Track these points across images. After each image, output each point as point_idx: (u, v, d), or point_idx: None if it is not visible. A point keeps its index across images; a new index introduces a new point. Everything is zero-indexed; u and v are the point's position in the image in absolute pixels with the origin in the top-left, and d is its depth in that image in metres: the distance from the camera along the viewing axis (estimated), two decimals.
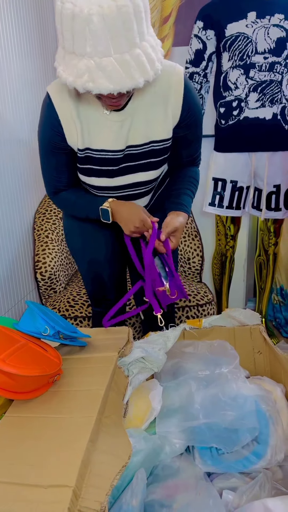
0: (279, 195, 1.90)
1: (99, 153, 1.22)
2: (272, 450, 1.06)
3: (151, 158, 1.24)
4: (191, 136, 1.29)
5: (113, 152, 1.22)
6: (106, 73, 0.94)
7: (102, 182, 1.28)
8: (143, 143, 1.22)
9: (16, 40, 1.84)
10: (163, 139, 1.23)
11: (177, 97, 1.18)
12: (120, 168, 1.25)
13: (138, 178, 1.28)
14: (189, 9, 2.07)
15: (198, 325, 1.35)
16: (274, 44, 1.69)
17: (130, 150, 1.22)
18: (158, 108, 1.19)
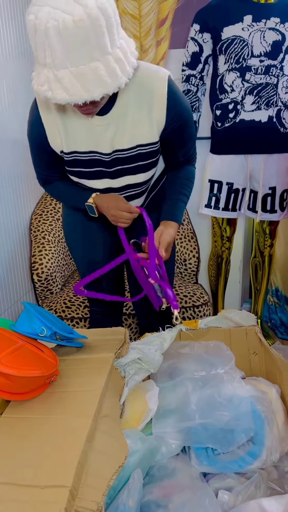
0: (274, 197, 1.92)
1: (87, 155, 1.23)
2: (268, 451, 1.07)
3: (139, 162, 1.25)
4: (183, 138, 1.29)
5: (99, 154, 1.23)
6: (63, 85, 0.97)
7: (91, 184, 1.29)
8: (129, 147, 1.22)
9: (12, 40, 1.84)
10: (149, 142, 1.23)
11: (160, 103, 1.17)
12: (108, 171, 1.26)
13: (127, 181, 1.28)
14: (186, 12, 2.08)
15: (194, 326, 1.36)
16: (270, 48, 1.71)
17: (118, 154, 1.23)
18: (142, 113, 1.18)
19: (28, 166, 1.99)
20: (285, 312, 2.35)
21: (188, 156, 1.36)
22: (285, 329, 2.35)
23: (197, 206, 2.06)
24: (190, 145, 1.33)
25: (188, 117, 1.27)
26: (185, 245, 2.17)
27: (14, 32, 1.84)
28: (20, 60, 1.89)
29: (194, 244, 2.17)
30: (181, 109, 1.22)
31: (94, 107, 1.09)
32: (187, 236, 2.19)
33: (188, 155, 1.36)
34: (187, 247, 2.17)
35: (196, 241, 2.19)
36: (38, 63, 0.99)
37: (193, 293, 1.98)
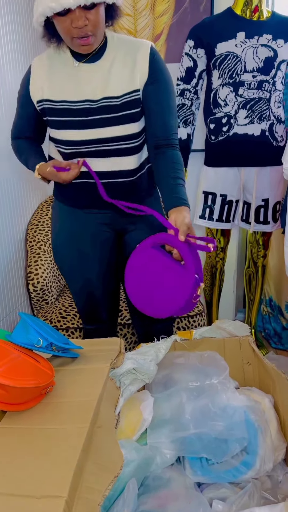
0: (267, 208, 1.95)
1: (78, 104, 1.27)
2: (261, 460, 1.08)
3: (126, 111, 1.27)
4: (162, 98, 1.28)
5: (89, 102, 1.27)
6: None
7: (83, 136, 1.29)
8: (117, 96, 1.26)
9: (10, 52, 1.87)
10: (131, 90, 1.27)
11: (144, 57, 1.27)
12: (98, 119, 1.27)
13: (117, 132, 1.28)
14: (180, 27, 2.13)
15: (188, 336, 1.38)
16: (262, 63, 1.75)
17: (105, 102, 1.26)
18: (127, 66, 1.27)
19: (24, 176, 2.02)
20: (278, 322, 2.37)
21: (168, 130, 1.31)
22: (279, 339, 2.37)
23: (192, 217, 2.08)
24: (170, 115, 1.31)
25: (168, 81, 1.31)
26: None
27: (13, 45, 1.87)
28: (17, 72, 1.92)
29: None
30: (162, 69, 1.30)
31: (92, 34, 1.18)
32: None
33: (167, 129, 1.31)
34: None
35: None
36: None
37: None
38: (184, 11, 2.13)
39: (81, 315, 1.62)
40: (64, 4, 1.10)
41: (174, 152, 1.33)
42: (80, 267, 1.47)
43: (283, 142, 1.85)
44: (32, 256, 2.01)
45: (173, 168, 1.30)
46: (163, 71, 1.30)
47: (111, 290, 1.55)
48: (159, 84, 1.29)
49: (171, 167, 1.30)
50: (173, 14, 2.14)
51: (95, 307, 1.55)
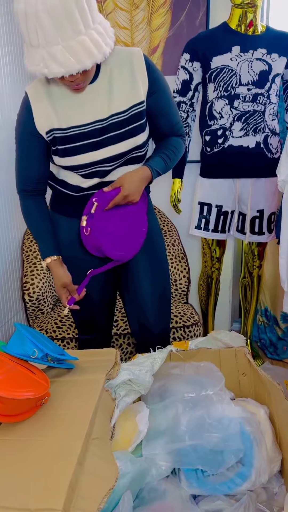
0: (262, 219, 1.97)
1: (87, 127, 1.27)
2: (257, 472, 1.08)
3: (131, 125, 1.29)
4: (164, 103, 1.34)
5: (95, 123, 1.27)
6: (57, 60, 1.09)
7: (98, 156, 1.30)
8: (124, 110, 1.27)
9: (8, 65, 1.89)
10: (137, 103, 1.28)
11: (140, 65, 1.28)
12: (111, 137, 1.29)
13: (128, 145, 1.30)
14: (177, 41, 2.16)
15: (184, 347, 1.38)
16: (257, 77, 1.77)
17: (115, 118, 1.27)
18: (125, 76, 1.27)
19: None
20: (274, 332, 2.37)
21: (172, 126, 1.39)
22: (274, 349, 2.37)
23: (188, 227, 2.10)
24: (172, 112, 1.37)
25: (165, 83, 1.35)
26: (175, 265, 2.20)
27: (10, 59, 1.89)
28: (14, 84, 1.94)
29: (184, 265, 2.20)
30: (158, 75, 1.32)
31: (84, 81, 1.19)
32: (177, 256, 2.22)
33: (172, 125, 1.39)
34: (178, 268, 2.19)
35: (186, 261, 2.22)
36: (31, 45, 1.10)
37: (183, 313, 2.00)
38: (180, 25, 2.16)
39: (77, 325, 1.62)
40: (55, 73, 1.11)
41: (175, 138, 1.41)
42: (77, 274, 1.47)
43: (277, 154, 1.87)
44: (28, 266, 2.02)
45: (164, 147, 1.38)
46: (158, 77, 1.32)
47: (108, 296, 1.55)
48: (159, 92, 1.32)
49: (164, 146, 1.39)
50: (169, 27, 2.17)
51: (92, 314, 1.55)
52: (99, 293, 1.51)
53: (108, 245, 1.33)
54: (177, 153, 1.41)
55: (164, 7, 2.14)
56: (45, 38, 1.06)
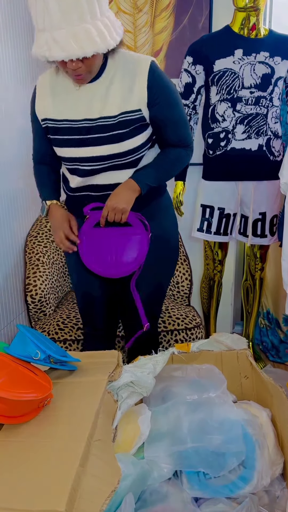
0: (264, 222, 1.97)
1: (78, 123, 1.31)
2: (259, 475, 1.08)
3: (121, 129, 1.29)
4: (169, 114, 1.33)
5: (88, 121, 1.30)
6: (59, 44, 1.12)
7: (81, 153, 1.33)
8: (114, 115, 1.28)
9: (11, 67, 1.90)
10: (132, 110, 1.29)
11: (142, 72, 1.28)
12: (96, 138, 1.30)
13: (113, 149, 1.31)
14: (179, 44, 2.17)
15: (186, 349, 1.38)
16: (260, 80, 1.78)
17: (103, 121, 1.29)
18: (125, 84, 1.28)
19: (24, 187, 2.03)
20: (276, 335, 2.37)
21: (179, 138, 1.38)
22: (276, 352, 2.37)
23: (190, 229, 2.10)
24: (180, 126, 1.37)
25: (172, 95, 1.33)
26: (177, 267, 2.20)
27: (14, 60, 1.90)
28: (17, 86, 1.95)
29: (186, 267, 2.21)
30: (163, 86, 1.31)
31: (86, 72, 1.22)
32: (179, 259, 2.22)
33: (179, 137, 1.38)
34: (180, 270, 2.20)
35: (188, 264, 2.22)
36: (38, 29, 1.15)
37: (185, 316, 2.00)
38: (183, 28, 2.17)
39: (81, 318, 1.65)
40: (56, 57, 1.14)
41: (178, 150, 1.40)
42: (78, 271, 1.51)
43: (280, 157, 1.88)
44: (31, 268, 2.02)
45: (163, 158, 1.39)
46: (164, 88, 1.31)
47: (109, 296, 1.55)
48: (162, 104, 1.31)
49: (162, 157, 1.39)
50: (172, 31, 2.18)
51: (92, 313, 1.57)
52: (101, 288, 1.51)
53: (90, 259, 1.38)
54: (177, 166, 1.42)
55: (167, 11, 2.15)
56: (51, 22, 1.10)
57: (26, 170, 2.06)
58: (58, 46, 1.12)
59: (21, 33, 1.96)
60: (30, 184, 2.11)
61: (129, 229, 1.36)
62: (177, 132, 1.37)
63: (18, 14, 1.93)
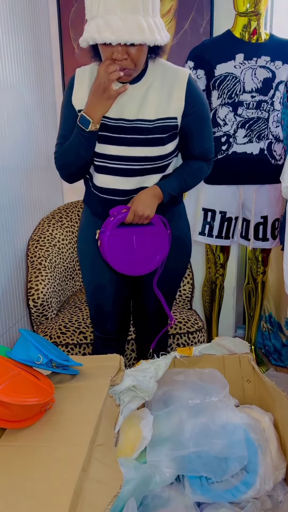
0: (266, 225, 1.97)
1: (114, 121, 1.32)
2: (261, 479, 1.08)
3: (157, 134, 1.32)
4: (198, 127, 1.38)
5: (123, 121, 1.32)
6: (110, 27, 1.16)
7: (112, 151, 1.34)
8: (151, 119, 1.32)
9: (14, 72, 1.91)
10: (168, 117, 1.33)
11: (181, 87, 1.33)
12: (129, 139, 1.33)
13: (145, 152, 1.34)
14: (181, 48, 2.17)
15: (188, 353, 1.38)
16: (261, 84, 1.79)
17: (140, 124, 1.31)
18: (164, 91, 1.32)
19: (26, 192, 2.04)
20: (278, 339, 2.36)
21: (203, 150, 1.43)
22: (279, 356, 2.36)
23: (192, 233, 2.10)
24: (206, 139, 1.42)
25: (205, 109, 1.39)
26: None
27: (15, 64, 1.92)
28: (19, 92, 1.96)
29: (188, 271, 2.21)
30: (198, 98, 1.36)
31: (130, 67, 1.22)
32: None
33: (203, 150, 1.42)
34: None
35: (190, 267, 2.22)
36: (91, 17, 1.20)
37: (187, 319, 2.00)
38: (184, 33, 2.18)
39: (92, 321, 1.66)
40: (105, 39, 1.16)
41: (200, 163, 1.44)
42: (93, 272, 1.52)
43: (281, 161, 1.88)
44: (33, 272, 2.02)
45: (185, 169, 1.43)
46: (198, 102, 1.36)
47: (122, 299, 1.57)
48: (194, 116, 1.35)
49: (185, 168, 1.43)
50: (173, 35, 2.19)
51: (104, 316, 1.57)
52: (113, 294, 1.53)
53: (115, 259, 1.38)
54: (197, 178, 1.46)
55: (168, 16, 2.16)
56: (105, 7, 1.15)
57: (29, 174, 2.07)
58: (108, 29, 1.15)
59: (23, 35, 1.97)
60: (32, 188, 2.12)
61: (150, 228, 1.39)
62: (202, 145, 1.41)
63: (21, 18, 1.95)
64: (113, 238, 1.36)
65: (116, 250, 1.38)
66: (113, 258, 1.38)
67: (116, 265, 1.39)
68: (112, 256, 1.38)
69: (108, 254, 1.37)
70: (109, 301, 1.54)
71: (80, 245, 1.56)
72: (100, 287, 1.52)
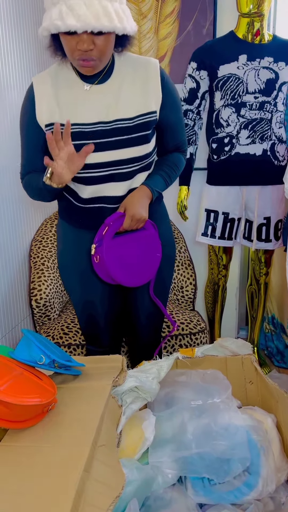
0: (269, 226, 1.96)
1: (91, 126, 1.24)
2: (264, 481, 1.07)
3: (139, 132, 1.27)
4: (174, 118, 1.34)
5: (102, 124, 1.24)
6: (74, 12, 1.05)
7: (97, 158, 1.25)
8: (130, 117, 1.25)
9: (15, 71, 1.91)
10: (147, 112, 1.27)
11: (155, 77, 1.27)
12: (102, 143, 1.25)
13: (120, 155, 1.27)
14: (184, 50, 2.18)
15: (191, 354, 1.38)
16: (264, 85, 1.78)
17: (119, 124, 1.25)
18: (137, 87, 1.26)
19: None
20: (281, 340, 2.36)
21: (178, 142, 1.39)
22: (282, 357, 2.35)
23: (194, 234, 2.10)
24: (179, 129, 1.38)
25: (177, 99, 1.35)
26: (182, 272, 2.20)
27: (17, 64, 1.92)
28: (20, 91, 1.96)
29: (191, 272, 2.20)
30: (171, 89, 1.31)
31: (97, 57, 1.14)
32: (184, 263, 2.22)
33: (177, 141, 1.39)
34: (184, 275, 2.19)
35: (193, 268, 2.22)
36: (52, 3, 1.08)
37: (190, 320, 2.00)
38: (187, 34, 2.18)
39: (84, 336, 1.62)
40: (70, 26, 1.05)
41: (177, 155, 1.41)
42: (83, 288, 1.46)
43: (284, 162, 1.88)
44: (36, 272, 2.03)
45: (166, 164, 1.38)
46: (172, 92, 1.32)
47: (114, 312, 1.53)
48: (171, 107, 1.32)
49: (165, 163, 1.38)
50: (176, 36, 2.19)
51: (97, 330, 1.54)
52: (104, 307, 1.49)
53: (118, 272, 1.30)
54: (177, 171, 1.41)
55: (171, 17, 2.17)
56: None
57: None
58: (72, 15, 1.05)
59: (26, 35, 1.98)
60: None
61: (143, 232, 1.34)
62: (177, 136, 1.38)
63: (24, 17, 1.95)
64: (111, 250, 1.28)
65: (117, 262, 1.29)
66: (115, 271, 1.29)
67: (119, 277, 1.30)
68: (114, 269, 1.28)
69: (110, 268, 1.28)
70: (102, 316, 1.50)
71: (63, 261, 1.47)
72: (92, 303, 1.46)
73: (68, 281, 1.50)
